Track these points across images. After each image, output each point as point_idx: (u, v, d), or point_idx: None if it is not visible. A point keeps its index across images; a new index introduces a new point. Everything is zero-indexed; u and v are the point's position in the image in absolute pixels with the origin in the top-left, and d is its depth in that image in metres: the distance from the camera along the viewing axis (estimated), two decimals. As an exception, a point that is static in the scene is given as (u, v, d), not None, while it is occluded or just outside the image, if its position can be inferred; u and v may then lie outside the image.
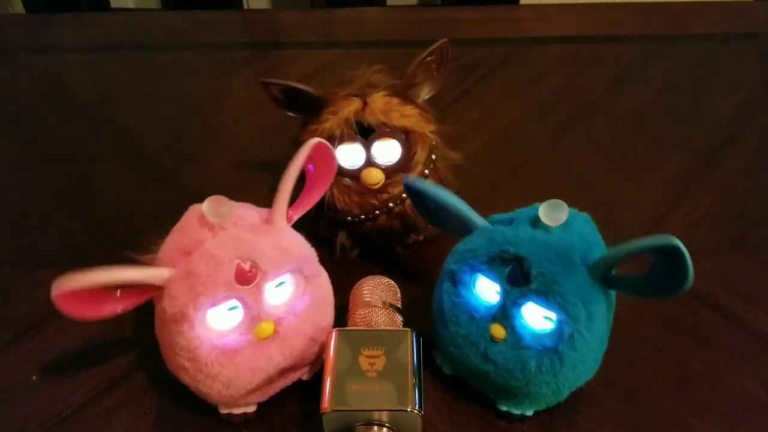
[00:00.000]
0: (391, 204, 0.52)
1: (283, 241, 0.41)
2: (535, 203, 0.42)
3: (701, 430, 0.45)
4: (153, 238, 0.43)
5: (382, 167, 0.51)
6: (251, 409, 0.45)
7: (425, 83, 0.53)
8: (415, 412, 0.40)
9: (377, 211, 0.52)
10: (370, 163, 0.51)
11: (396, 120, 0.50)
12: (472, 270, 0.42)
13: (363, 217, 0.53)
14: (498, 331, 0.41)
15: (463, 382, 0.46)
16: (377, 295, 0.48)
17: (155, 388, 0.46)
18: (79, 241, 0.59)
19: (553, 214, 0.40)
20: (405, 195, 0.52)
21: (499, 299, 0.41)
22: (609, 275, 0.40)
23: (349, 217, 0.53)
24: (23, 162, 0.70)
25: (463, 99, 0.77)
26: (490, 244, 0.41)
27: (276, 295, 0.42)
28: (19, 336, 0.51)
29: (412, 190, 0.45)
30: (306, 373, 0.46)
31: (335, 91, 0.51)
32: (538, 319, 0.40)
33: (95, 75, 0.85)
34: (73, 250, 0.59)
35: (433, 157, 0.53)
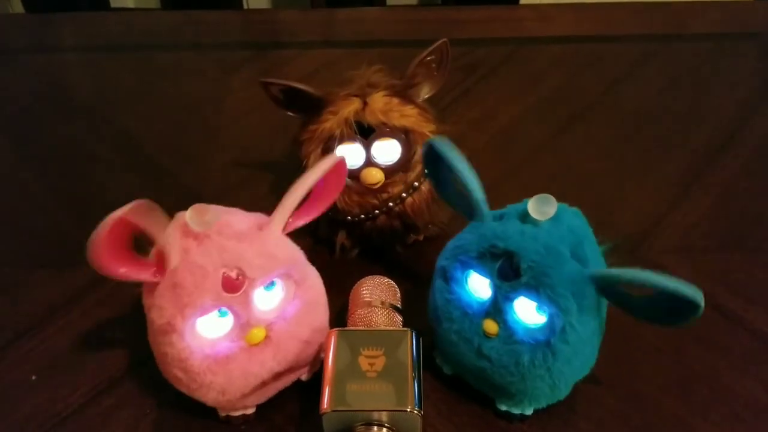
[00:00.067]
0: (391, 203, 0.52)
1: (268, 247, 0.40)
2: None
3: (701, 430, 0.45)
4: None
5: (382, 167, 0.51)
6: (250, 411, 0.45)
7: (425, 83, 0.53)
8: (415, 412, 0.40)
9: (377, 211, 0.52)
10: (370, 162, 0.51)
11: (396, 120, 0.50)
12: (464, 266, 0.42)
13: (363, 216, 0.53)
14: (491, 326, 0.41)
15: (463, 383, 0.46)
16: (377, 295, 0.48)
17: (155, 388, 0.46)
18: (79, 241, 0.59)
19: (541, 208, 0.40)
20: (405, 195, 0.52)
21: (490, 294, 0.41)
22: (611, 289, 0.40)
23: (349, 217, 0.53)
24: (23, 162, 0.70)
25: (463, 99, 0.77)
26: (480, 240, 0.41)
27: (265, 300, 0.42)
28: (19, 336, 0.51)
29: (432, 151, 0.43)
30: (305, 374, 0.46)
31: (335, 91, 0.51)
32: (530, 313, 0.40)
33: (95, 75, 0.85)
34: (73, 250, 0.59)
35: (433, 157, 0.53)
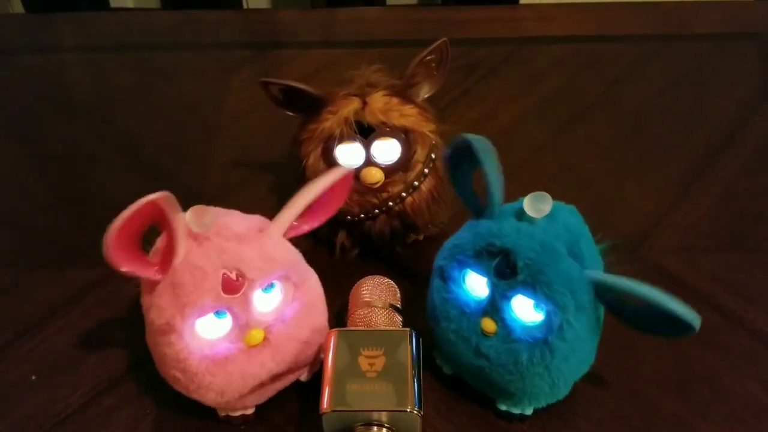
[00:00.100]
0: (390, 203, 0.52)
1: (268, 250, 0.41)
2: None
3: (701, 430, 0.45)
4: (153, 239, 0.43)
5: (382, 166, 0.51)
6: (250, 411, 0.45)
7: (425, 82, 0.53)
8: (415, 412, 0.40)
9: (377, 210, 0.52)
10: (369, 162, 0.51)
11: (395, 119, 0.50)
12: (461, 265, 0.42)
13: (363, 216, 0.53)
14: (488, 324, 0.41)
15: (463, 383, 0.46)
16: (377, 295, 0.48)
17: (155, 388, 0.46)
18: (79, 241, 0.59)
19: (537, 205, 0.40)
20: (405, 194, 0.52)
21: (488, 293, 0.41)
22: (608, 296, 0.40)
23: (349, 217, 0.53)
24: (23, 162, 0.70)
25: (464, 99, 0.77)
26: (476, 238, 0.41)
27: (264, 302, 0.42)
28: (19, 336, 0.51)
29: (462, 144, 0.41)
30: (305, 374, 0.46)
31: (335, 90, 0.51)
32: (528, 311, 0.40)
33: (95, 75, 0.85)
34: (73, 250, 0.59)
35: (432, 156, 0.53)
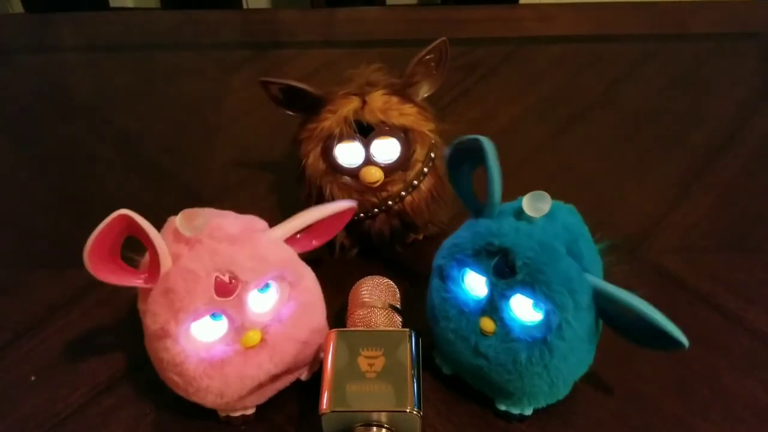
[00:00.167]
0: (390, 202, 0.52)
1: (260, 250, 0.40)
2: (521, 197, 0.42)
3: (701, 430, 0.45)
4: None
5: (382, 165, 0.51)
6: (250, 411, 0.45)
7: (424, 82, 0.53)
8: (414, 412, 0.40)
9: (376, 210, 0.52)
10: (369, 161, 0.51)
11: (395, 118, 0.50)
12: (460, 264, 0.42)
13: (362, 215, 0.53)
14: (487, 324, 0.41)
15: (462, 383, 0.46)
16: (376, 296, 0.48)
17: (155, 388, 0.46)
18: (79, 241, 0.59)
19: (535, 204, 0.40)
20: (404, 193, 0.52)
21: (487, 292, 0.41)
22: (604, 304, 0.40)
23: (349, 216, 0.53)
24: (23, 162, 0.70)
25: (463, 98, 0.77)
26: (475, 238, 0.41)
27: (260, 303, 0.41)
28: (19, 336, 0.51)
29: (467, 144, 0.41)
30: (305, 374, 0.46)
31: (334, 89, 0.51)
32: (527, 310, 0.40)
33: (95, 75, 0.85)
34: (73, 250, 0.58)
35: (432, 155, 0.52)
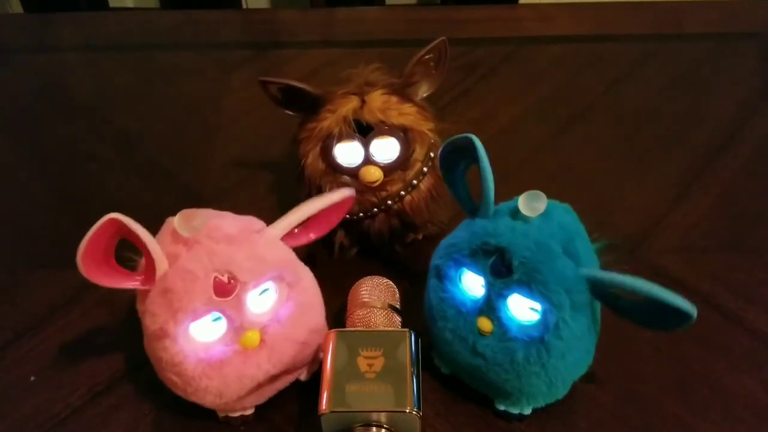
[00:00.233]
0: (389, 202, 0.52)
1: (258, 250, 0.40)
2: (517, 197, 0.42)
3: (701, 430, 0.45)
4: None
5: (381, 165, 0.51)
6: (249, 411, 0.45)
7: (423, 81, 0.53)
8: (414, 413, 0.40)
9: (376, 209, 0.52)
10: (368, 161, 0.51)
11: (394, 118, 0.50)
12: (457, 264, 0.42)
13: (362, 215, 0.53)
14: (485, 324, 0.41)
15: (461, 383, 0.46)
16: (376, 296, 0.48)
17: (155, 388, 0.46)
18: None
19: (531, 204, 0.40)
20: (403, 193, 0.52)
21: (484, 292, 0.41)
22: (605, 292, 0.40)
23: (348, 215, 0.53)
24: (23, 162, 0.70)
25: (463, 98, 0.77)
26: (472, 237, 0.41)
27: (259, 303, 0.41)
28: (19, 336, 0.51)
29: (459, 144, 0.42)
30: (304, 374, 0.46)
31: (333, 89, 0.51)
32: (524, 310, 0.40)
33: (95, 75, 0.85)
34: (73, 250, 0.58)
35: (431, 155, 0.52)
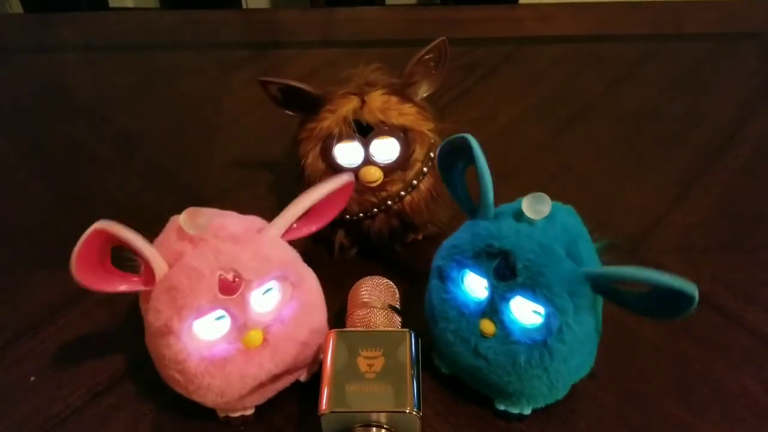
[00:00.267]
0: (389, 202, 0.52)
1: (263, 250, 0.40)
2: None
3: (701, 430, 0.45)
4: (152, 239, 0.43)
5: (381, 165, 0.51)
6: (249, 411, 0.45)
7: (423, 81, 0.53)
8: (414, 413, 0.40)
9: (376, 209, 0.52)
10: (368, 161, 0.51)
11: (394, 118, 0.50)
12: (459, 266, 0.42)
13: (361, 215, 0.53)
14: (487, 326, 0.41)
15: (461, 383, 0.46)
16: (376, 296, 0.48)
17: (155, 388, 0.46)
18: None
19: (536, 206, 0.40)
20: (403, 193, 0.52)
21: (487, 294, 0.41)
22: (607, 287, 0.40)
23: (348, 216, 0.53)
24: (23, 162, 0.70)
25: (463, 98, 0.77)
26: (475, 239, 0.41)
27: (262, 302, 0.41)
28: (18, 336, 0.51)
29: (456, 144, 0.42)
30: (304, 374, 0.46)
31: (333, 89, 0.51)
32: (527, 313, 0.40)
33: (95, 75, 0.85)
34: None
35: (431, 155, 0.52)
